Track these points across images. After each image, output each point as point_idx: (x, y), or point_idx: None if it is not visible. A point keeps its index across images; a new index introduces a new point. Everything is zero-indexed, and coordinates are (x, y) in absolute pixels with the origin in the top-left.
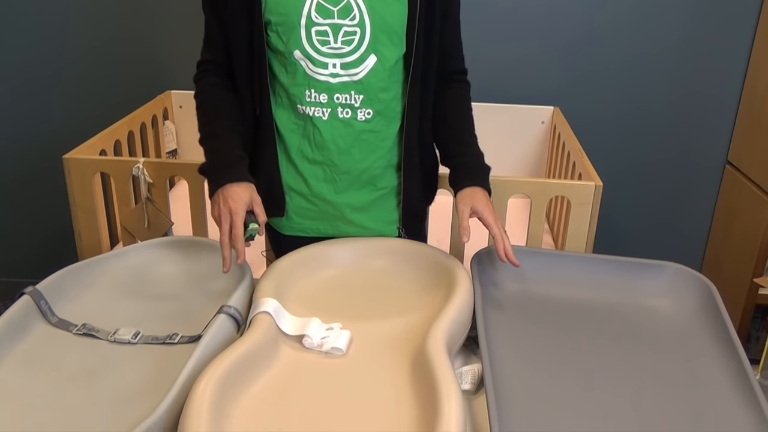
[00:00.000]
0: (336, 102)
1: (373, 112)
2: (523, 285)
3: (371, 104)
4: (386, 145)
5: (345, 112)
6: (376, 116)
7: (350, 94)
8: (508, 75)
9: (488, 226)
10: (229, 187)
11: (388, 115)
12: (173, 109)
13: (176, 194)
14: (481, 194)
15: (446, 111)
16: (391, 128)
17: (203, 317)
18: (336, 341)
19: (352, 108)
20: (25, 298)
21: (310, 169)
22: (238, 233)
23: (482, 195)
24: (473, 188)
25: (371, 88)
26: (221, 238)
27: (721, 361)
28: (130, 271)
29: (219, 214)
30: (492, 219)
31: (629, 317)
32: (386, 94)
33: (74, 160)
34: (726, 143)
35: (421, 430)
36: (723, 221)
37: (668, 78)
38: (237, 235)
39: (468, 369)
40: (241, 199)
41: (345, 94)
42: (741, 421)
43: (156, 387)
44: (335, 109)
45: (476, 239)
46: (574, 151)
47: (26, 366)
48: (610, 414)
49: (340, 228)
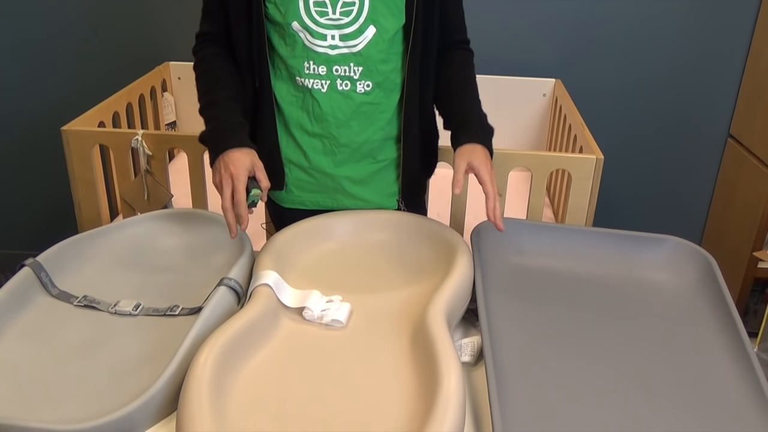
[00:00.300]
0: (335, 74)
1: (372, 84)
2: (523, 258)
3: (371, 76)
4: (385, 117)
5: (344, 84)
6: (376, 88)
7: (349, 66)
8: (509, 46)
9: (483, 183)
10: (230, 153)
11: (387, 87)
12: (172, 80)
13: (176, 167)
14: (480, 151)
15: (449, 77)
16: (391, 100)
17: (203, 289)
18: (336, 313)
19: (351, 80)
20: (26, 269)
21: (309, 142)
22: (241, 198)
23: (482, 151)
24: (473, 145)
25: (370, 59)
26: (223, 204)
27: (720, 334)
28: (131, 244)
29: (220, 180)
30: (488, 177)
31: (629, 290)
32: (386, 65)
33: (73, 132)
34: (728, 116)
35: (420, 402)
36: (724, 194)
37: (671, 50)
38: (239, 200)
39: (467, 341)
40: (242, 165)
41: (344, 66)
42: (739, 393)
43: (157, 358)
44: (334, 81)
45: (477, 212)
46: (576, 123)
47: (27, 337)
48: (609, 386)
49: (340, 201)
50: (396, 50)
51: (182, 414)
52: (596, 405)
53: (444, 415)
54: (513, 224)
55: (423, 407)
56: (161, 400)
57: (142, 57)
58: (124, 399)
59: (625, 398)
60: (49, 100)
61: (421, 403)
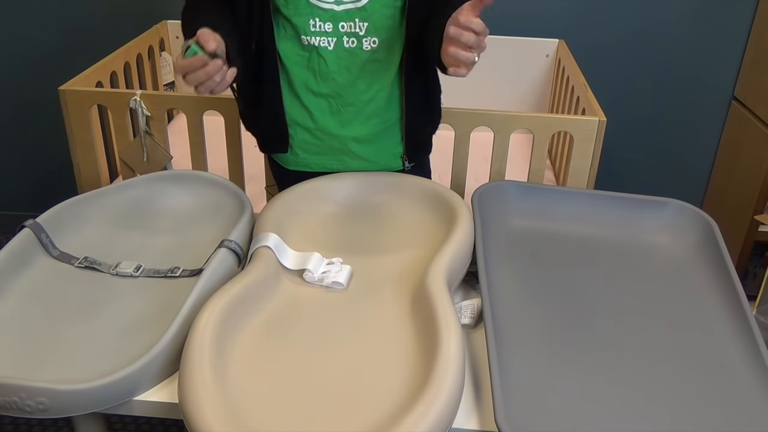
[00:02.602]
0: (341, 31)
1: (378, 41)
2: (524, 221)
3: (376, 32)
4: (390, 74)
5: (350, 41)
6: (381, 45)
7: (354, 21)
8: (511, 6)
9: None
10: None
11: (391, 43)
12: (170, 40)
13: (175, 128)
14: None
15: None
16: (394, 57)
17: (204, 251)
18: (337, 276)
19: (357, 37)
20: (26, 231)
21: (315, 102)
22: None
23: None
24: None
25: (375, 14)
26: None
27: (720, 296)
28: (131, 205)
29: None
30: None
31: (630, 253)
32: (390, 20)
33: (71, 92)
34: (733, 78)
35: (420, 364)
36: (726, 157)
37: (676, 12)
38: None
39: (467, 303)
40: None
41: (350, 22)
42: (737, 354)
43: (158, 320)
44: (341, 38)
45: (478, 175)
46: (579, 85)
47: (28, 298)
48: (608, 349)
49: (346, 162)
50: (398, 4)
51: (184, 375)
52: (594, 367)
53: (443, 376)
54: (514, 186)
55: (423, 369)
56: (163, 362)
57: (138, 15)
58: (125, 360)
59: (623, 360)
60: (46, 59)
61: (421, 364)
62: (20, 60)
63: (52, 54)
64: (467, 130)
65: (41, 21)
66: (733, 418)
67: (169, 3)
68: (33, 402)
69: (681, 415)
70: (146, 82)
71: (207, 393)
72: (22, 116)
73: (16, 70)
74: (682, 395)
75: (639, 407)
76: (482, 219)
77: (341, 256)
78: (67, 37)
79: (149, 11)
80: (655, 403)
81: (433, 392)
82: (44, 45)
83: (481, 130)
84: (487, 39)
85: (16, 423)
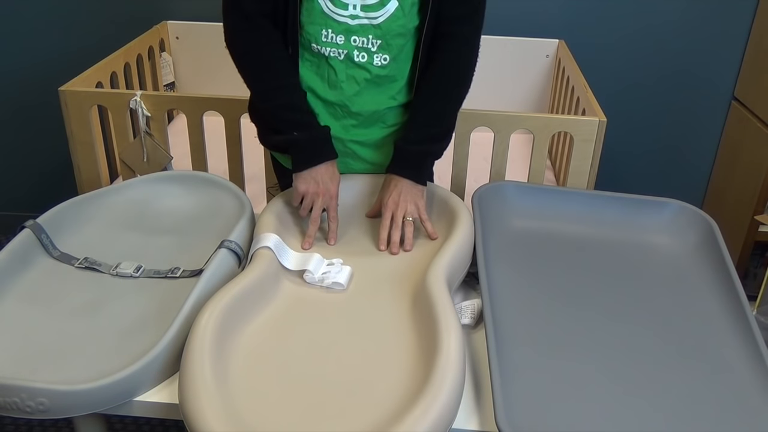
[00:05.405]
0: (353, 44)
1: (389, 58)
2: (524, 221)
3: (388, 50)
4: (398, 86)
5: (361, 55)
6: (391, 62)
7: (368, 38)
8: (512, 6)
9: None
10: (325, 167)
11: (402, 59)
12: (170, 40)
13: (175, 129)
14: (402, 187)
15: (427, 79)
16: (404, 70)
17: (204, 252)
18: (337, 276)
19: (369, 52)
20: (26, 231)
21: (321, 107)
22: (321, 217)
23: (403, 188)
24: (398, 179)
25: (389, 33)
26: (314, 214)
27: (720, 296)
28: (131, 205)
29: (315, 191)
30: (388, 213)
31: (630, 253)
32: (403, 39)
33: (71, 93)
34: (733, 79)
35: (420, 364)
36: (727, 157)
37: (676, 12)
38: (317, 217)
39: (468, 304)
40: (336, 183)
41: (363, 37)
42: (738, 354)
43: (158, 320)
44: (351, 51)
45: (478, 176)
46: (579, 85)
47: (29, 299)
48: (609, 349)
49: (349, 164)
50: (412, 24)
51: (184, 375)
52: (595, 367)
53: (444, 376)
54: (514, 187)
55: (423, 369)
56: (163, 362)
57: (139, 15)
58: (125, 361)
59: (624, 360)
60: (46, 60)
61: (421, 364)
62: (21, 60)
63: (52, 54)
64: (467, 131)
65: (41, 21)
66: (733, 417)
67: (169, 3)
68: (33, 403)
69: (681, 415)
70: (146, 82)
71: (207, 393)
72: (22, 116)
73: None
74: (682, 395)
75: (639, 407)
76: (482, 219)
77: (341, 257)
78: (68, 38)
79: (149, 12)
80: (655, 403)
81: (433, 392)
82: (44, 45)
83: (481, 130)
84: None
85: (16, 423)
